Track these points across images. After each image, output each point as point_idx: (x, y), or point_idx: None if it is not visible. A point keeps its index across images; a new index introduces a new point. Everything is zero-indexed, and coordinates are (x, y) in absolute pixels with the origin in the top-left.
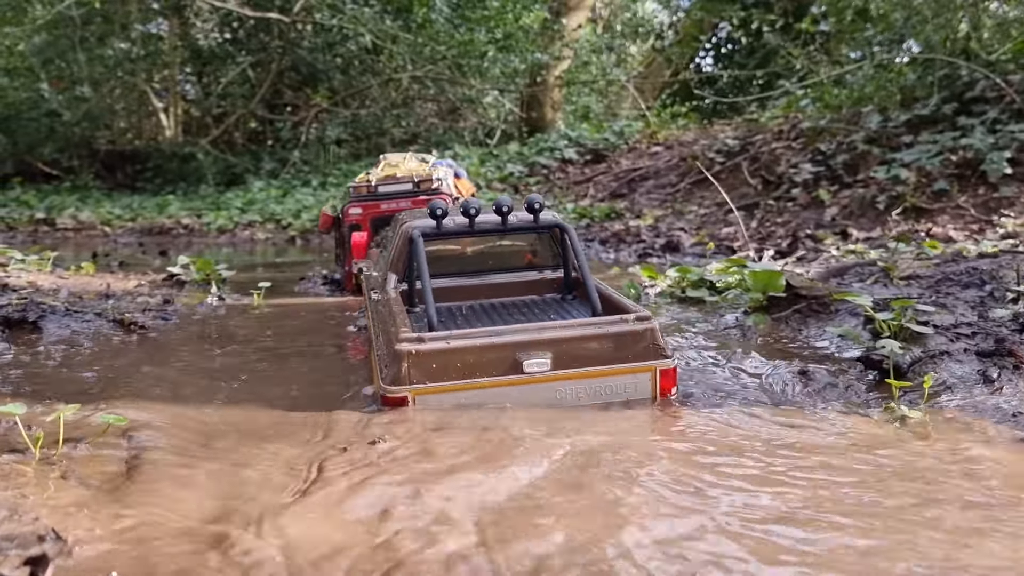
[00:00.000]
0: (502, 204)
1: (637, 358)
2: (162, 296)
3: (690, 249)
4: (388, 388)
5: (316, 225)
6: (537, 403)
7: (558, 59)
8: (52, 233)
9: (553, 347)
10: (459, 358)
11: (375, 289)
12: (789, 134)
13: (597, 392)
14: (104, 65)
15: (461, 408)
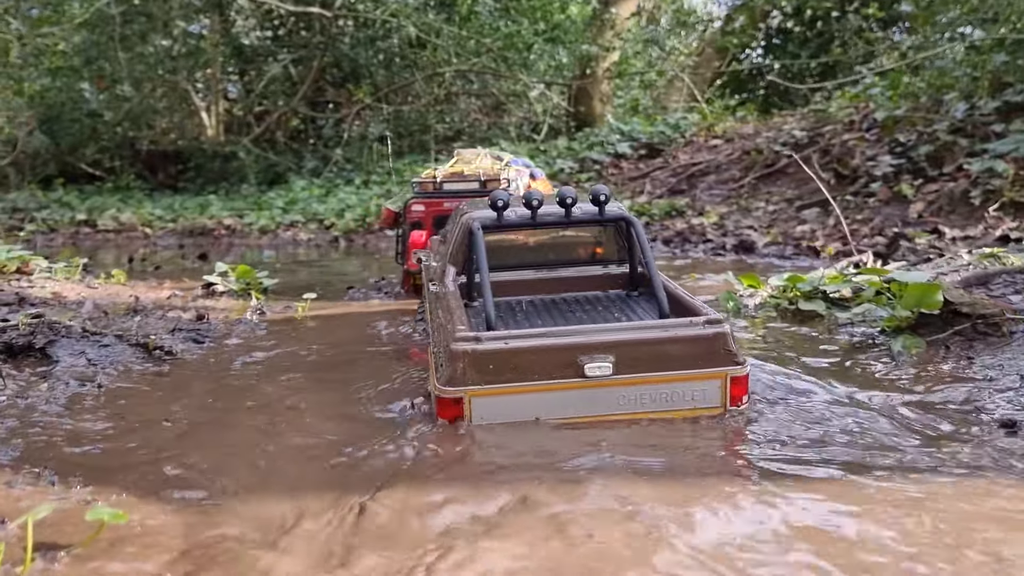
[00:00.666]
0: (566, 195)
1: (706, 364)
2: (196, 310)
3: (764, 249)
4: (443, 389)
5: (360, 224)
6: (597, 409)
7: (608, 50)
8: (93, 235)
9: (616, 350)
10: (517, 359)
11: (434, 281)
12: (860, 124)
13: (662, 399)
14: (145, 63)
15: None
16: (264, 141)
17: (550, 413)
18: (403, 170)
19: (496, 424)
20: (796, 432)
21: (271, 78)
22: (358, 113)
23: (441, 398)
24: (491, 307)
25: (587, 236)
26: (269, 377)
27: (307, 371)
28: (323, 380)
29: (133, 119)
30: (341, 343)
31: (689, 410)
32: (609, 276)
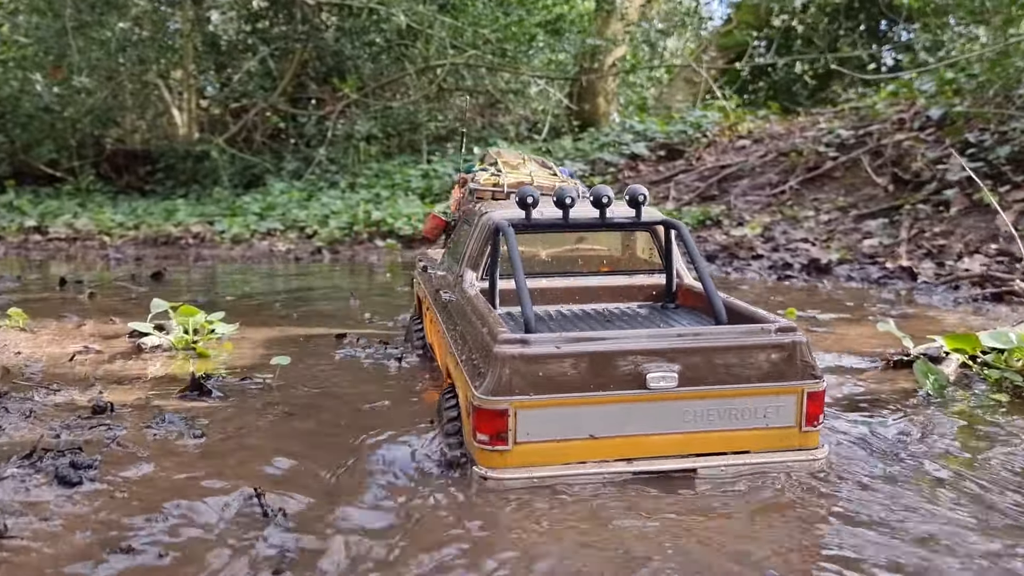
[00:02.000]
0: (601, 194)
1: (781, 377)
2: (102, 388)
3: (840, 269)
4: (485, 399)
5: (347, 233)
6: (660, 427)
7: (615, 43)
8: (43, 244)
9: (682, 358)
10: (571, 366)
11: (444, 288)
12: (912, 123)
13: (731, 415)
14: (104, 51)
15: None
16: (240, 140)
17: (606, 430)
18: (392, 172)
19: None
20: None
21: (248, 72)
22: (343, 110)
23: (482, 410)
24: (530, 310)
25: (613, 241)
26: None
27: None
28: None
29: (97, 115)
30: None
31: (761, 429)
32: (636, 287)
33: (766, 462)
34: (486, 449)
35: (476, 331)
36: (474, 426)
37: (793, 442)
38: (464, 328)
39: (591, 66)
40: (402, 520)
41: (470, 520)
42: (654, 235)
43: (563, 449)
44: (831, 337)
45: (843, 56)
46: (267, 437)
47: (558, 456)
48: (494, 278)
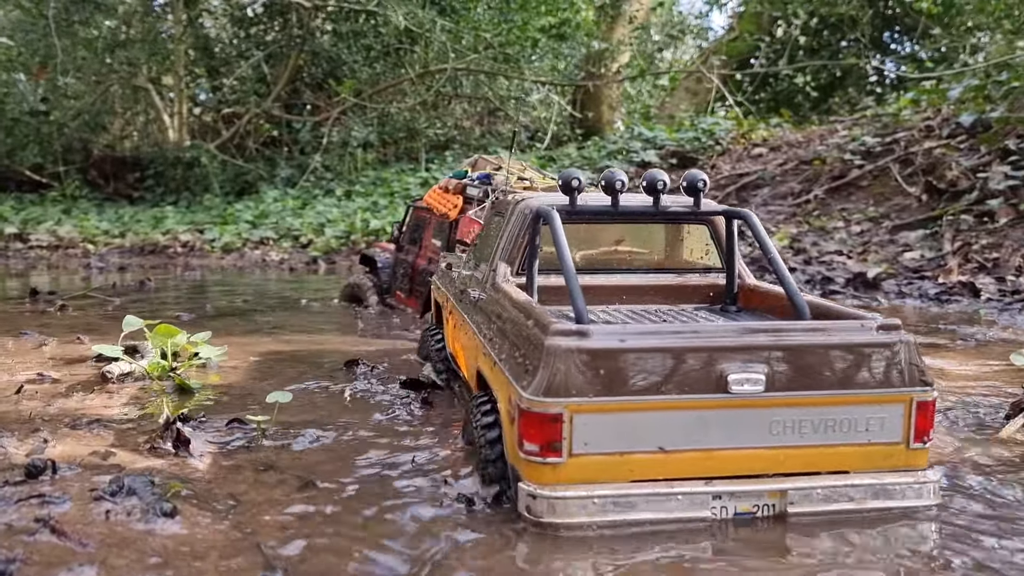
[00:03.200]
0: (656, 179)
1: (884, 383)
2: (46, 438)
3: (887, 284)
4: (535, 400)
5: (343, 243)
6: (743, 440)
7: (622, 46)
8: (24, 252)
9: (768, 358)
10: (638, 364)
11: (470, 289)
12: (941, 130)
13: (826, 427)
14: (90, 50)
15: None
16: (233, 147)
17: (679, 442)
18: (391, 179)
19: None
20: None
21: (242, 77)
22: (339, 116)
23: (531, 413)
24: (582, 304)
25: (660, 235)
26: None
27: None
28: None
29: (84, 120)
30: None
31: (861, 445)
32: (690, 287)
33: (869, 484)
34: (535, 462)
35: (519, 324)
36: (521, 434)
37: (899, 461)
38: (502, 324)
39: (597, 71)
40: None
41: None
42: (712, 227)
43: (627, 464)
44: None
45: (848, 64)
46: (267, 522)
47: (621, 472)
48: (532, 271)
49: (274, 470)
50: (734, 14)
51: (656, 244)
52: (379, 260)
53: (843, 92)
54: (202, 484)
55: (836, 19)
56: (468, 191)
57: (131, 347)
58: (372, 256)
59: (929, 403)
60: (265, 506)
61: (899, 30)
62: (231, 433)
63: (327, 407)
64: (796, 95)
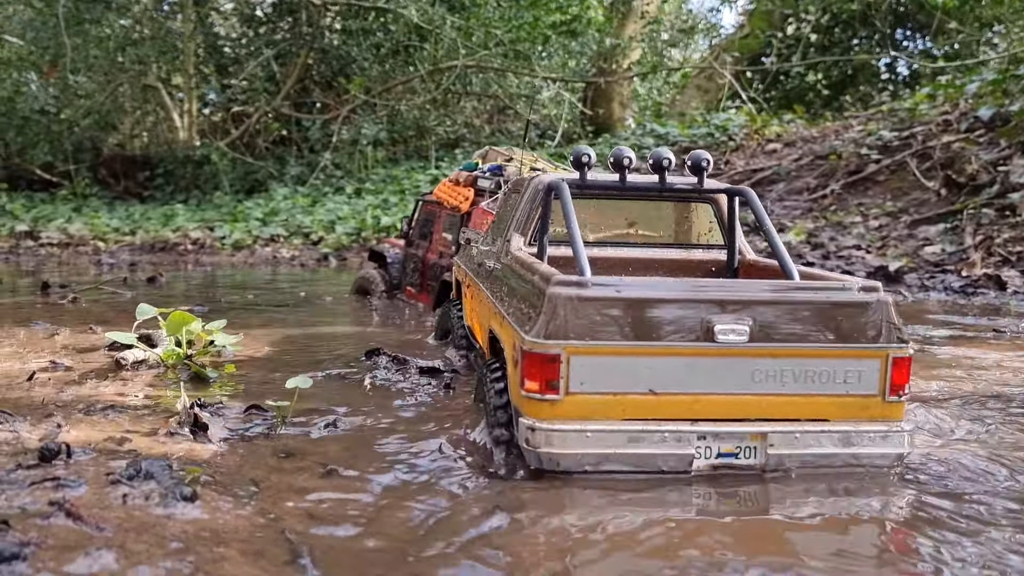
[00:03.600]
0: (661, 157)
1: (863, 338)
2: (59, 423)
3: (909, 278)
4: (536, 342)
5: (354, 239)
6: (728, 386)
7: (633, 42)
8: (34, 249)
9: (754, 312)
10: (632, 313)
11: (487, 261)
12: (959, 124)
13: (806, 377)
14: (102, 49)
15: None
16: (243, 145)
17: (668, 385)
18: (401, 177)
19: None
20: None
21: (252, 75)
22: (348, 114)
23: (532, 354)
24: (585, 260)
25: (667, 212)
26: None
27: None
28: None
29: (95, 119)
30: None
31: (839, 396)
32: (695, 261)
33: (845, 431)
34: (535, 398)
35: (526, 280)
36: (523, 374)
37: (875, 413)
38: (512, 283)
39: (609, 67)
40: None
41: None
42: (715, 206)
43: (620, 404)
44: (962, 363)
45: (861, 61)
46: (289, 509)
47: (614, 411)
48: (543, 241)
49: (295, 456)
50: (745, 11)
51: (665, 222)
52: (388, 255)
53: (855, 89)
54: (222, 470)
55: (848, 16)
56: (479, 183)
57: (145, 335)
58: (382, 252)
59: (904, 359)
60: (287, 492)
61: (912, 27)
62: (250, 420)
63: (348, 395)
64: (807, 92)
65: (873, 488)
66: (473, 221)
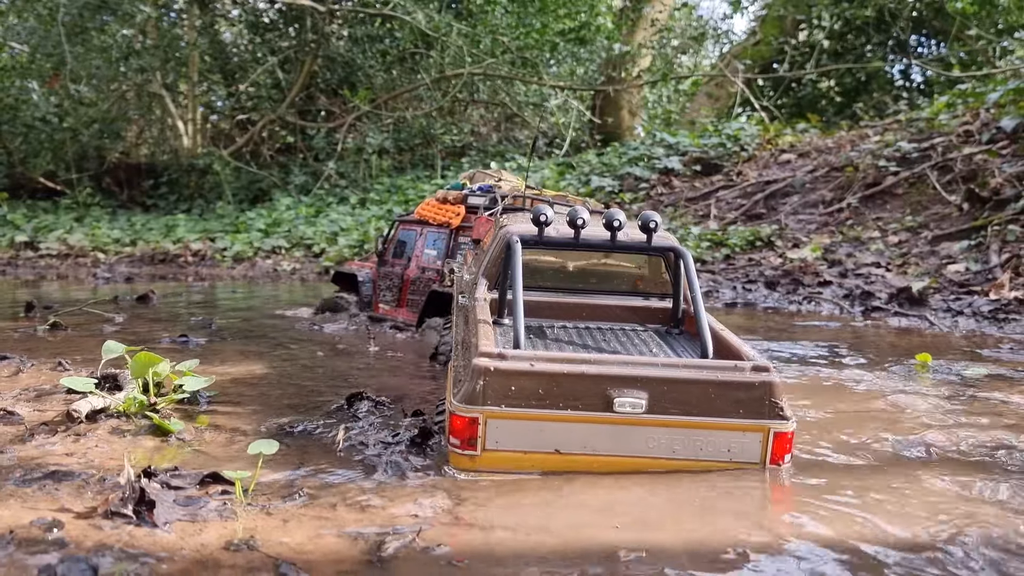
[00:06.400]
0: (613, 218)
1: (748, 414)
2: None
3: (934, 301)
4: (458, 406)
5: (356, 252)
6: (624, 449)
7: (644, 48)
8: (34, 260)
9: (651, 387)
10: (542, 384)
11: (464, 293)
12: (980, 135)
13: (695, 447)
14: (105, 59)
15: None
16: (247, 153)
17: (571, 447)
18: (406, 187)
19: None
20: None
21: (257, 82)
22: (354, 123)
23: (455, 415)
24: (521, 325)
25: (629, 264)
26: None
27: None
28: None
29: (99, 127)
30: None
31: (724, 463)
32: (649, 309)
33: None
34: (456, 452)
35: (468, 341)
36: (448, 430)
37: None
38: (461, 335)
39: (618, 75)
40: None
41: None
42: (665, 262)
43: (529, 460)
44: (1008, 412)
45: (875, 68)
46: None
47: (524, 466)
48: (504, 289)
49: (249, 547)
50: (757, 18)
51: (615, 270)
52: (360, 275)
53: (868, 97)
54: (161, 568)
55: (862, 21)
56: (470, 200)
57: (111, 376)
58: (352, 272)
59: (785, 434)
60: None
61: (927, 32)
62: (206, 491)
63: (318, 457)
64: (820, 100)
65: None
66: (476, 230)
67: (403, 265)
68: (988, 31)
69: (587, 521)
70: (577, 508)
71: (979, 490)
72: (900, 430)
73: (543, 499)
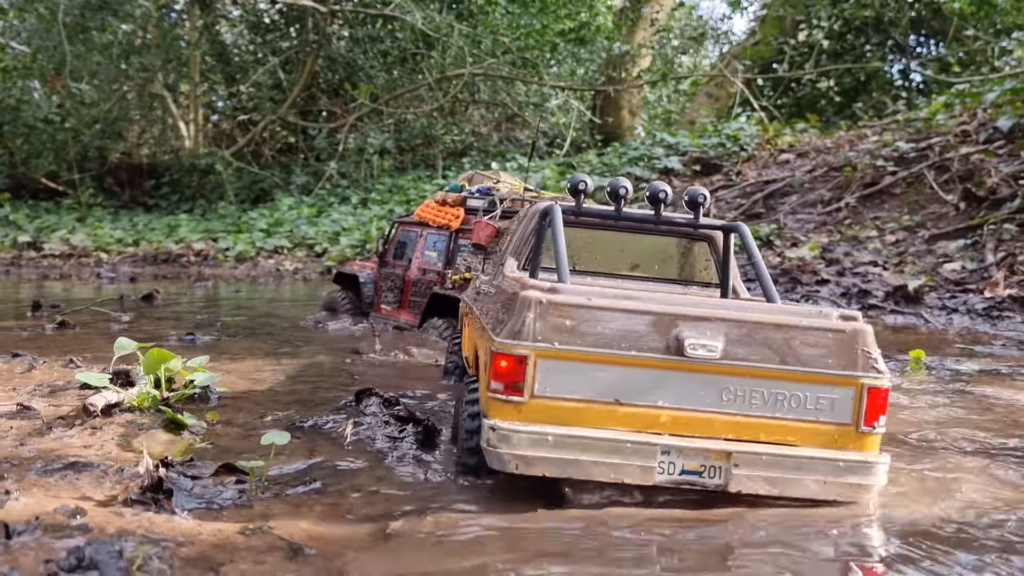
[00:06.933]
0: (658, 190)
1: (838, 365)
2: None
3: (929, 299)
4: (503, 343)
5: (358, 252)
6: (694, 402)
7: (643, 48)
8: (37, 260)
9: (728, 328)
10: (601, 321)
11: (484, 287)
12: (977, 134)
13: (776, 401)
14: (106, 56)
15: None
16: (249, 154)
17: (633, 397)
18: (407, 187)
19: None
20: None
21: (257, 83)
22: (355, 123)
23: (499, 355)
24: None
25: (669, 246)
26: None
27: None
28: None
29: (101, 127)
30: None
31: (810, 423)
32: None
33: (814, 457)
34: (499, 399)
35: (506, 292)
36: (489, 375)
37: (848, 443)
38: (497, 298)
39: (618, 75)
40: None
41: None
42: (711, 243)
43: (584, 411)
44: (997, 405)
45: (873, 68)
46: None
47: (577, 418)
48: (536, 262)
49: (264, 532)
50: (756, 18)
51: (661, 258)
52: (361, 276)
53: (868, 97)
54: (181, 551)
55: (861, 22)
56: (469, 203)
57: (123, 372)
58: (353, 273)
59: (880, 389)
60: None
61: (926, 33)
62: (221, 480)
63: (329, 449)
64: (819, 100)
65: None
66: (476, 233)
67: (404, 266)
68: (987, 31)
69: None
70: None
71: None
72: (892, 423)
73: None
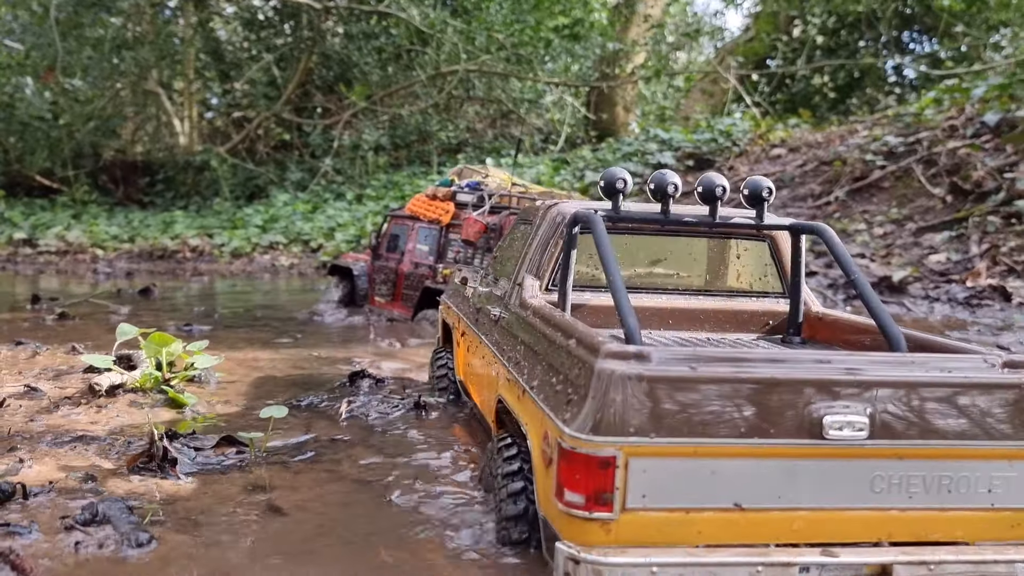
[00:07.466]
0: (713, 183)
1: (1014, 434)
2: (13, 465)
3: (913, 289)
4: (582, 438)
5: (354, 247)
6: (837, 498)
7: (639, 45)
8: (32, 257)
9: (874, 398)
10: (712, 398)
11: (488, 307)
12: (965, 129)
13: (942, 488)
14: (97, 51)
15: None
16: (243, 150)
17: (760, 499)
18: (402, 183)
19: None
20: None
21: (253, 80)
22: (350, 119)
23: (576, 454)
24: (634, 320)
25: (710, 251)
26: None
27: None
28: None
29: (95, 124)
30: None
31: (985, 510)
32: (745, 313)
33: (995, 559)
34: (579, 517)
35: (557, 345)
36: (561, 480)
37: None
38: (534, 344)
39: (612, 71)
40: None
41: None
42: (774, 244)
43: (695, 524)
44: None
45: (867, 64)
46: (247, 549)
47: (687, 534)
48: (566, 286)
49: (263, 493)
50: (750, 14)
51: (707, 264)
52: (355, 269)
53: (861, 92)
54: (184, 511)
55: (854, 18)
56: (459, 197)
57: (125, 356)
58: (347, 266)
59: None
60: (248, 535)
61: (918, 29)
62: (222, 451)
63: (324, 424)
64: (814, 96)
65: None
66: (464, 230)
67: (396, 260)
68: (978, 27)
69: None
70: None
71: None
72: None
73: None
